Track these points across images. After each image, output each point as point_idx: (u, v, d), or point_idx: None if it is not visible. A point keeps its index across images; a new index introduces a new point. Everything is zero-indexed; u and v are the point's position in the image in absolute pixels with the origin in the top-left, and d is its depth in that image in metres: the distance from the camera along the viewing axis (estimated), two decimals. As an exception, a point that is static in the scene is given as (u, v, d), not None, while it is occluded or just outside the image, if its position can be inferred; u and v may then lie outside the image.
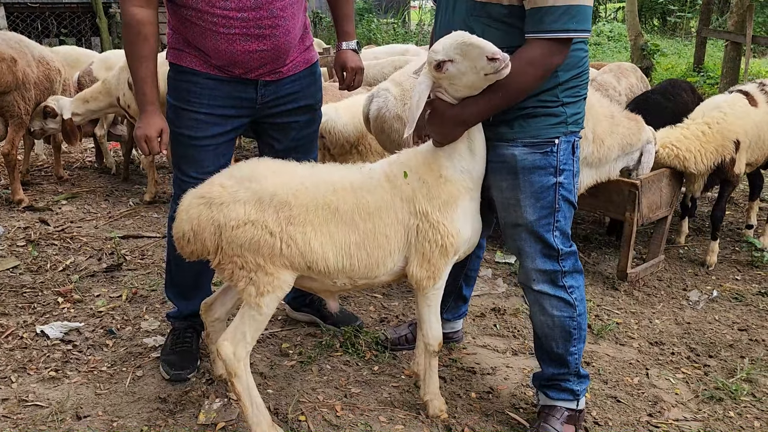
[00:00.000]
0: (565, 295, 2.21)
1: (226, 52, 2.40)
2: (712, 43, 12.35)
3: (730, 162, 3.78)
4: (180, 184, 2.58)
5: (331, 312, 2.55)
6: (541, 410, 2.36)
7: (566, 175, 2.13)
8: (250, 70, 2.47)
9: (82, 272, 3.64)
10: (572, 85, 2.08)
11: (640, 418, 2.49)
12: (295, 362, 2.80)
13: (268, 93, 2.55)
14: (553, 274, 2.18)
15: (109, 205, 4.88)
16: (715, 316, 3.37)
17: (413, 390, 2.61)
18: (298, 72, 2.60)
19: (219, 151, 2.60)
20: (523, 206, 2.13)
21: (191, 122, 2.51)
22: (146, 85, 2.38)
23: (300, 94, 2.64)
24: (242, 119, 2.60)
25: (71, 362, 2.75)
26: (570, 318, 2.22)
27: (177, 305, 2.82)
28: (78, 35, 12.46)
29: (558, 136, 2.09)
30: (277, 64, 2.50)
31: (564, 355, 2.26)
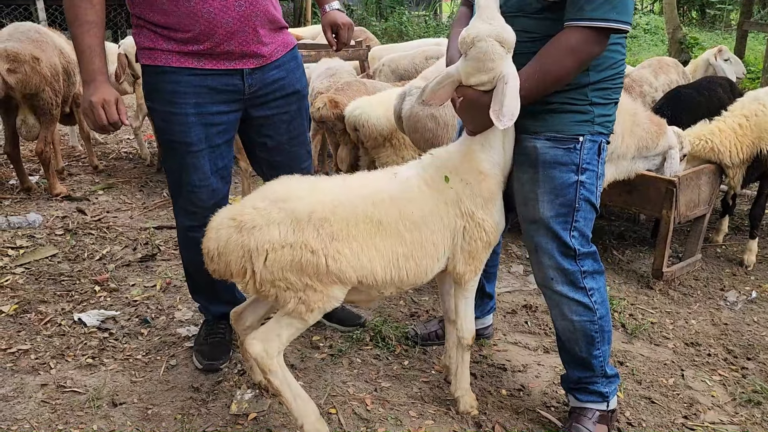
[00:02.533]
0: (585, 299, 2.16)
1: (202, 13, 2.23)
2: (753, 36, 12.00)
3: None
4: (184, 194, 2.50)
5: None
6: (572, 411, 2.33)
7: (589, 175, 2.08)
8: (229, 38, 2.30)
9: (118, 261, 3.70)
10: (603, 86, 2.04)
11: (674, 420, 2.45)
12: (325, 355, 2.81)
13: (255, 82, 2.43)
14: (572, 274, 2.13)
15: (144, 195, 4.96)
16: (754, 317, 3.29)
17: (443, 385, 2.60)
18: (281, 57, 2.50)
19: (217, 153, 2.48)
20: (541, 201, 2.09)
21: (183, 127, 2.37)
22: (94, 53, 2.18)
23: (286, 80, 2.53)
24: (233, 114, 2.47)
25: (107, 350, 2.81)
26: (590, 322, 2.18)
27: (207, 307, 2.83)
28: (114, 27, 12.66)
29: (583, 134, 2.04)
30: (255, 32, 2.34)
31: (588, 358, 2.23)
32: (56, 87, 4.48)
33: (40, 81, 4.31)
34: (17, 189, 4.89)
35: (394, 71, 5.51)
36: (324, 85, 4.38)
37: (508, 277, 3.63)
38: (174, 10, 2.24)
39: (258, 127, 2.59)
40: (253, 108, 2.52)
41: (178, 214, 2.62)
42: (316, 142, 4.67)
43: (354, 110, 3.61)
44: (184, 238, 2.64)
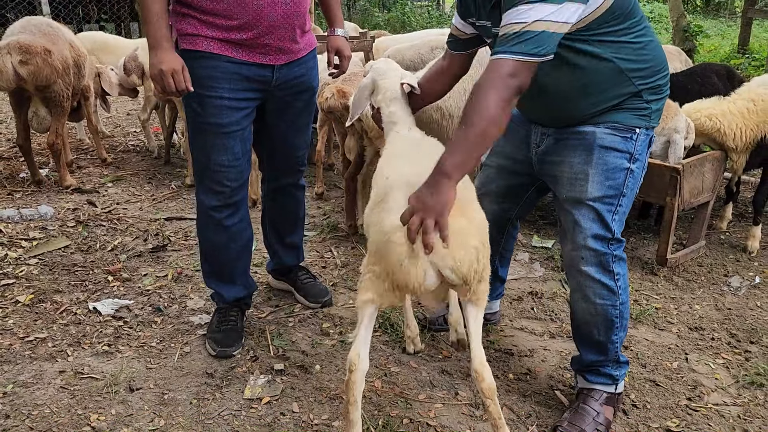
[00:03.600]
0: (611, 282, 2.20)
1: (252, 6, 2.39)
2: (758, 23, 11.97)
3: None
4: (211, 175, 2.62)
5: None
6: (580, 392, 2.38)
7: (638, 165, 2.15)
8: (270, 31, 2.47)
9: (130, 252, 3.77)
10: (655, 85, 2.10)
11: (678, 402, 2.50)
12: (335, 341, 2.87)
13: (281, 76, 2.61)
14: (603, 256, 2.17)
15: (153, 187, 5.02)
16: (757, 302, 3.34)
17: (452, 371, 2.66)
18: (306, 55, 2.69)
19: (245, 136, 2.65)
20: (591, 181, 2.13)
21: (217, 110, 2.52)
22: (161, 20, 2.34)
23: (305, 77, 2.73)
24: (258, 101, 2.67)
25: (123, 338, 2.87)
26: (613, 306, 2.22)
27: (220, 291, 2.89)
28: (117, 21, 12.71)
29: (640, 126, 2.11)
30: (293, 30, 2.52)
31: (605, 342, 2.27)
32: (67, 80, 4.54)
33: (51, 73, 4.37)
34: (28, 182, 4.96)
35: (400, 62, 5.49)
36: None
37: (514, 265, 3.67)
38: (228, 8, 2.39)
39: (270, 114, 2.77)
40: (272, 99, 2.70)
41: (202, 193, 2.71)
42: (323, 133, 4.71)
43: (359, 101, 3.64)
44: (205, 217, 2.74)
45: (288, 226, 3.16)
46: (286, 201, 3.10)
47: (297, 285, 3.21)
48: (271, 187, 3.07)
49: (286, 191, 3.06)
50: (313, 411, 2.40)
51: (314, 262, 3.71)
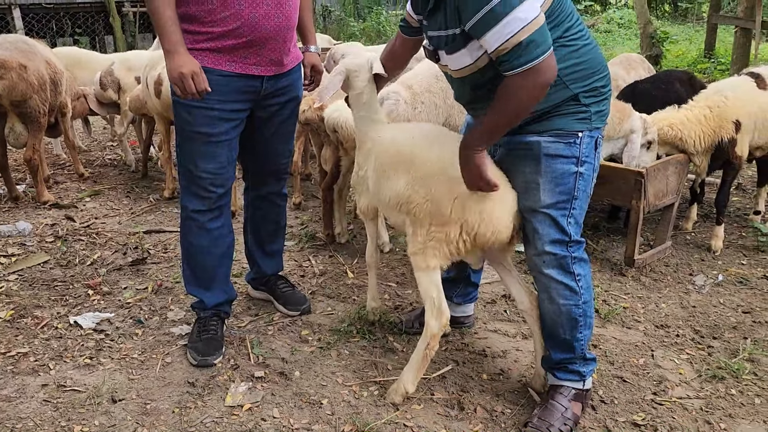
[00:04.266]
0: (573, 283, 2.31)
1: (248, 17, 2.52)
2: (723, 28, 12.30)
3: (731, 143, 3.87)
4: (198, 181, 2.72)
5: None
6: (550, 388, 2.49)
7: (587, 167, 2.24)
8: (264, 43, 2.60)
9: (109, 266, 3.80)
10: (592, 87, 2.20)
11: (644, 397, 2.61)
12: (314, 348, 2.94)
13: (269, 86, 2.74)
14: (563, 259, 2.28)
15: (131, 201, 5.05)
16: (720, 299, 3.47)
17: (427, 372, 2.74)
18: (293, 68, 2.83)
19: (233, 145, 2.76)
20: (543, 190, 2.23)
21: (206, 120, 2.63)
22: (175, 25, 2.46)
23: (290, 87, 2.87)
24: (247, 112, 2.78)
25: (104, 350, 2.92)
26: (575, 305, 2.33)
27: (200, 298, 2.95)
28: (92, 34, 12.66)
29: (582, 130, 2.20)
30: (284, 43, 2.67)
31: (571, 341, 2.38)
32: (43, 96, 4.57)
33: (26, 88, 4.41)
34: (5, 198, 4.96)
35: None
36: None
37: (487, 269, 3.76)
38: (236, 12, 2.51)
39: (256, 121, 2.88)
40: (259, 108, 2.82)
41: (187, 198, 2.80)
42: (300, 144, 4.78)
43: (332, 113, 3.73)
44: (189, 221, 2.83)
45: (269, 234, 3.23)
46: (269, 209, 3.18)
47: (276, 294, 3.28)
48: (254, 195, 3.16)
49: (268, 199, 3.15)
50: (293, 416, 2.47)
51: (293, 271, 3.78)
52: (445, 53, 2.20)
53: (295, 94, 2.93)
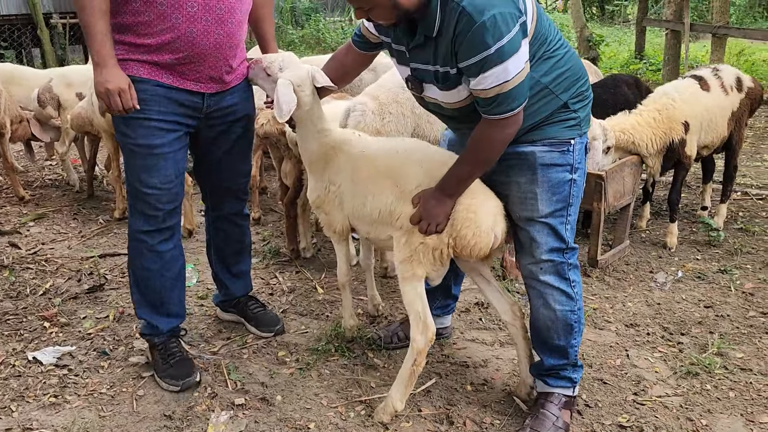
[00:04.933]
0: (569, 289, 2.34)
1: (185, 32, 2.42)
2: (651, 30, 12.83)
3: (681, 143, 4.01)
4: (143, 198, 2.59)
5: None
6: (539, 396, 2.50)
7: (580, 173, 2.28)
8: (202, 60, 2.49)
9: (64, 295, 3.60)
10: (578, 92, 2.23)
11: (626, 398, 2.66)
12: (293, 369, 2.86)
13: (213, 104, 2.64)
14: (559, 265, 2.31)
15: (79, 223, 4.82)
16: (682, 295, 3.59)
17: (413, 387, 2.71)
18: (238, 84, 2.72)
19: (177, 158, 2.63)
20: (540, 199, 2.25)
21: (147, 130, 2.51)
22: (106, 38, 2.34)
23: (239, 105, 2.77)
24: (190, 127, 2.66)
25: (69, 387, 2.75)
26: (571, 311, 2.36)
27: (154, 323, 2.81)
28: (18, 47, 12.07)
29: (574, 137, 2.24)
30: (225, 61, 2.57)
31: (565, 347, 2.40)
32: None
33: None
34: (-61, 227, 4.64)
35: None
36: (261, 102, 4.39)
37: (457, 277, 3.78)
38: (172, 26, 2.41)
39: (207, 144, 2.79)
40: (206, 126, 2.71)
41: (134, 219, 2.67)
42: (257, 158, 4.68)
43: (295, 126, 3.66)
44: (138, 243, 2.69)
45: (234, 255, 3.13)
46: (231, 230, 3.08)
47: (247, 315, 3.18)
48: (214, 216, 3.05)
49: (229, 220, 3.05)
50: (281, 443, 2.39)
51: (261, 290, 3.68)
52: (437, 88, 2.19)
53: (246, 113, 2.82)
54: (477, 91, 2.04)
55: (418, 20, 2.07)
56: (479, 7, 1.91)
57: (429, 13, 2.02)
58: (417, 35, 2.12)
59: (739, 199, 5.11)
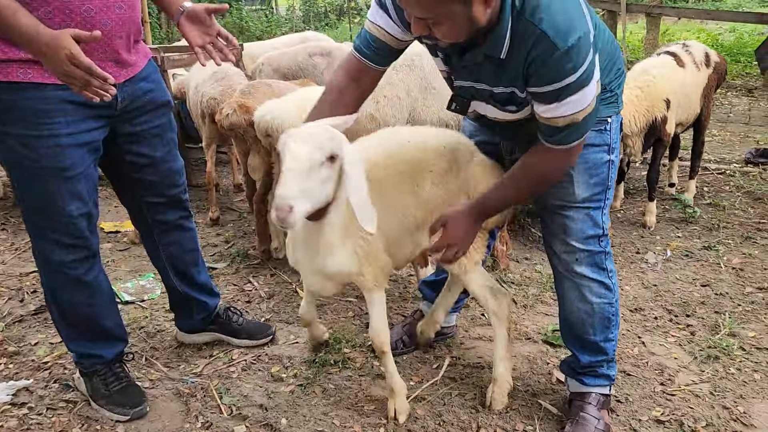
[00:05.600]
0: (606, 279, 2.15)
1: (78, 11, 1.97)
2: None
3: (663, 121, 3.94)
4: (61, 227, 2.17)
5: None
6: (574, 398, 2.31)
7: (616, 153, 2.09)
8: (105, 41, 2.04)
9: (7, 319, 3.13)
10: (616, 69, 2.04)
11: (654, 389, 2.52)
12: (293, 386, 2.56)
13: (126, 96, 2.21)
14: (597, 255, 2.12)
15: (10, 235, 4.28)
16: (676, 275, 3.51)
17: (431, 396, 2.47)
18: (146, 66, 2.31)
19: (89, 173, 2.19)
20: (577, 183, 2.03)
21: (52, 151, 2.07)
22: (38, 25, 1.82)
23: (156, 92, 2.35)
24: (102, 130, 2.21)
25: (33, 429, 2.34)
26: (609, 304, 2.17)
27: (95, 353, 2.44)
28: None
29: (611, 115, 2.03)
30: (128, 38, 2.15)
31: (601, 342, 2.21)
32: None
33: None
34: None
35: (276, 70, 5.21)
36: (216, 90, 4.01)
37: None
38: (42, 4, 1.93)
39: (127, 145, 2.35)
40: (122, 124, 2.29)
41: (49, 249, 2.23)
42: (212, 152, 4.28)
43: (265, 114, 3.32)
44: (59, 276, 2.28)
45: (194, 264, 2.73)
46: (182, 237, 2.66)
47: (232, 329, 2.83)
48: (160, 230, 2.59)
49: (179, 227, 2.63)
50: (299, 475, 2.10)
51: (236, 298, 3.33)
52: (492, 107, 1.93)
53: (165, 99, 2.41)
54: (546, 119, 1.79)
55: (478, 39, 1.76)
56: (562, 32, 1.63)
57: (497, 32, 1.70)
58: (470, 54, 1.80)
59: (700, 174, 5.15)
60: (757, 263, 3.60)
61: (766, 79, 8.21)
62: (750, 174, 5.08)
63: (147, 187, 2.47)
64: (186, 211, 2.64)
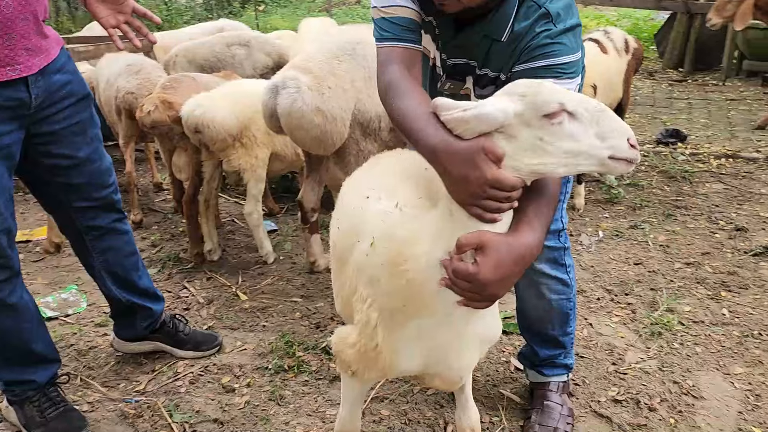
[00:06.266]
0: (564, 275, 2.15)
1: None
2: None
3: None
4: None
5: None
6: (535, 387, 2.32)
7: None
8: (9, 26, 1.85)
9: None
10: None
11: (608, 369, 2.58)
12: (248, 397, 2.43)
13: (41, 92, 2.02)
14: (556, 251, 2.10)
15: None
16: (609, 255, 3.63)
17: (390, 393, 2.41)
18: (59, 55, 2.10)
19: (4, 183, 1.99)
20: None
21: None
22: None
23: (73, 84, 2.16)
24: (17, 133, 2.00)
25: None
26: (567, 299, 2.18)
27: (28, 379, 2.23)
28: None
29: None
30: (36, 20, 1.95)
31: (559, 336, 2.23)
32: None
33: None
34: None
35: (192, 62, 4.94)
36: (132, 84, 3.75)
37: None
38: None
39: (45, 147, 2.13)
40: (39, 124, 2.07)
41: None
42: (131, 151, 4.00)
43: (194, 110, 3.13)
44: None
45: (133, 269, 2.53)
46: (118, 241, 2.45)
47: (179, 339, 2.65)
48: (94, 236, 2.38)
49: (113, 231, 2.42)
50: (267, 492, 1.99)
51: (172, 305, 3.13)
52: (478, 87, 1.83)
53: (85, 92, 2.21)
54: None
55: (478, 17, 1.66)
56: (563, 14, 1.59)
57: (503, 12, 1.62)
58: (467, 32, 1.70)
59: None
60: (680, 239, 3.79)
61: (665, 62, 8.69)
62: (662, 154, 5.34)
63: (74, 191, 2.25)
64: (120, 213, 2.43)
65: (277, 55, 4.91)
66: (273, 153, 3.34)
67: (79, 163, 2.21)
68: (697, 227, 3.94)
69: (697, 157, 5.24)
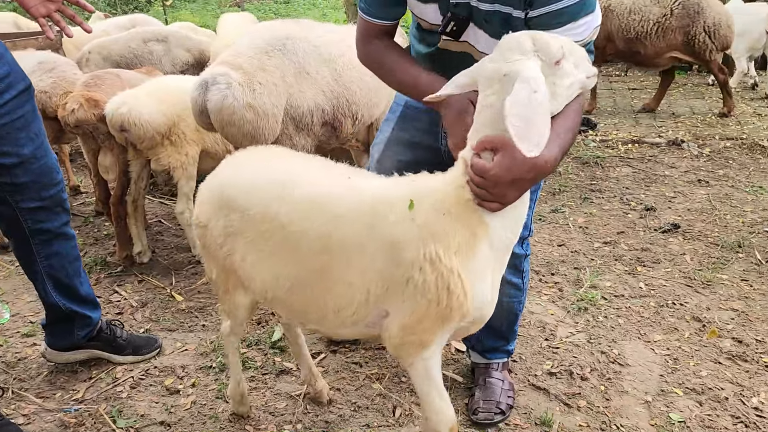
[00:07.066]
0: (519, 281, 2.22)
1: None
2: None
3: None
4: None
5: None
6: (477, 366, 2.42)
7: None
8: None
9: None
10: None
11: (541, 345, 2.73)
12: (193, 397, 2.40)
13: None
14: (518, 258, 2.14)
15: None
16: (535, 238, 3.81)
17: (336, 381, 2.45)
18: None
19: None
20: None
21: None
22: None
23: (13, 75, 2.08)
24: None
25: None
26: (519, 302, 2.28)
27: None
28: None
29: None
30: None
31: (506, 331, 2.34)
32: None
33: None
34: None
35: (107, 58, 4.77)
36: (46, 82, 3.56)
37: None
38: None
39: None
40: None
41: None
42: (47, 154, 3.82)
43: (119, 107, 3.04)
44: None
45: (76, 274, 2.45)
46: (64, 247, 2.38)
47: (117, 345, 2.58)
48: (41, 240, 2.29)
49: (61, 235, 2.35)
50: (223, 488, 1.99)
51: (104, 310, 3.01)
52: (480, 31, 1.76)
53: (26, 84, 2.12)
54: None
55: None
56: None
57: None
58: None
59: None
60: (597, 221, 4.03)
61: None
62: (575, 141, 5.63)
63: (19, 191, 2.15)
64: (68, 214, 2.36)
65: (198, 51, 4.82)
66: (203, 150, 3.29)
67: (23, 160, 2.12)
68: (612, 208, 4.21)
69: (606, 144, 5.57)
